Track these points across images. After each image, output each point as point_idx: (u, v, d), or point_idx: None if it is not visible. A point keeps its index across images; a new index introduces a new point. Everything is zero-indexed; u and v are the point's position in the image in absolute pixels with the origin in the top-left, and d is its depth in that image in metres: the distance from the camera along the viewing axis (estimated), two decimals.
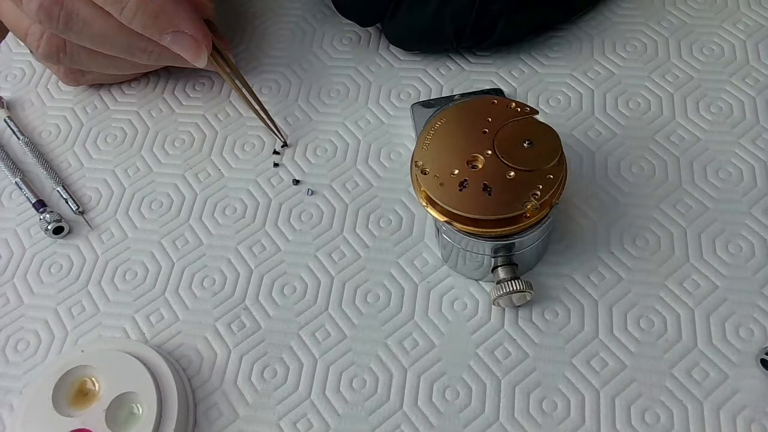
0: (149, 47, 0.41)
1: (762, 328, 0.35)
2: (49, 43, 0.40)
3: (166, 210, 0.42)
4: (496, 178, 0.33)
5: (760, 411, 0.33)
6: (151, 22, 0.38)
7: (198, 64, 0.41)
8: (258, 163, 0.43)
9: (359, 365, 0.36)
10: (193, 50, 0.40)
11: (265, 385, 0.36)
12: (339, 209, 0.41)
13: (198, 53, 0.40)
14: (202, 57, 0.40)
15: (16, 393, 0.37)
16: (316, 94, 0.46)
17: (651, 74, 0.44)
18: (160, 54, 0.41)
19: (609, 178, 0.40)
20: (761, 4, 0.46)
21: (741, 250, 0.37)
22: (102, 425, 0.33)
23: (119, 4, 0.37)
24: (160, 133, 0.45)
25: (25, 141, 0.45)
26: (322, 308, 0.38)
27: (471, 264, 0.36)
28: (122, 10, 0.37)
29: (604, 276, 0.37)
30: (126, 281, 0.40)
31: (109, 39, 0.39)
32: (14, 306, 0.39)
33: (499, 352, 0.36)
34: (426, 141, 0.35)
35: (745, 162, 0.40)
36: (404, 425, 0.34)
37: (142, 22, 0.38)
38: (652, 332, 0.35)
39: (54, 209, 0.42)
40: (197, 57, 0.40)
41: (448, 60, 0.46)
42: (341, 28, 0.49)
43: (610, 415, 0.34)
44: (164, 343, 0.37)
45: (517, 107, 0.35)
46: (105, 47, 0.40)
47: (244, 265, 0.39)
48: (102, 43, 0.40)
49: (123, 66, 0.44)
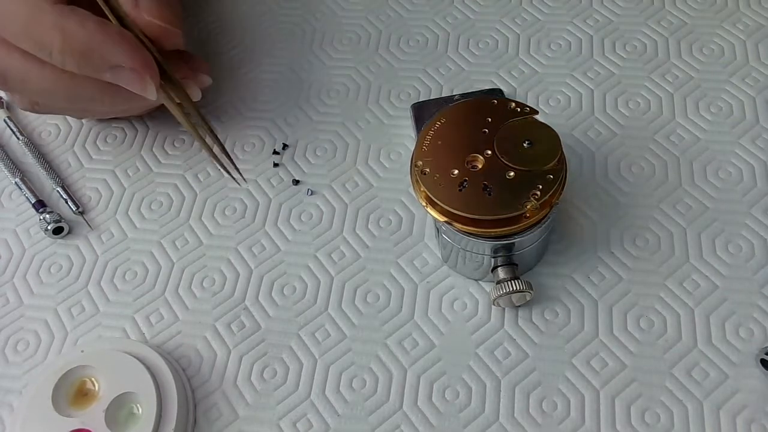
0: (96, 94, 0.39)
1: (762, 328, 0.35)
2: (21, 99, 0.40)
3: (165, 210, 0.42)
4: (496, 178, 0.33)
5: (760, 411, 0.33)
6: (84, 61, 0.36)
7: (148, 96, 0.37)
8: (258, 163, 0.43)
9: (359, 365, 0.36)
10: (137, 83, 0.37)
11: (265, 385, 0.36)
12: (339, 209, 0.41)
13: (143, 86, 0.37)
14: (149, 89, 0.37)
15: (16, 393, 0.37)
16: (316, 94, 0.46)
17: (651, 74, 0.44)
18: (112, 99, 0.39)
19: (609, 178, 0.40)
20: (761, 4, 0.46)
21: (741, 250, 0.37)
22: (102, 425, 0.33)
23: (46, 49, 0.35)
24: (160, 133, 0.45)
25: (25, 141, 0.45)
26: (322, 308, 0.38)
27: (471, 264, 0.36)
28: (51, 54, 0.36)
29: (604, 276, 0.37)
30: (126, 281, 0.40)
31: (52, 91, 0.38)
32: (14, 306, 0.39)
33: (499, 352, 0.36)
34: (426, 141, 0.35)
35: (745, 162, 0.40)
36: (404, 425, 0.34)
37: (74, 63, 0.36)
38: (652, 332, 0.35)
39: (54, 209, 0.42)
40: (143, 90, 0.37)
41: (448, 60, 0.46)
42: (341, 28, 0.49)
43: (610, 415, 0.34)
44: (164, 343, 0.37)
45: (517, 107, 0.35)
46: (53, 100, 0.39)
47: (244, 265, 0.39)
48: (48, 96, 0.39)
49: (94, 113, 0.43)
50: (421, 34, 0.48)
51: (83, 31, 0.35)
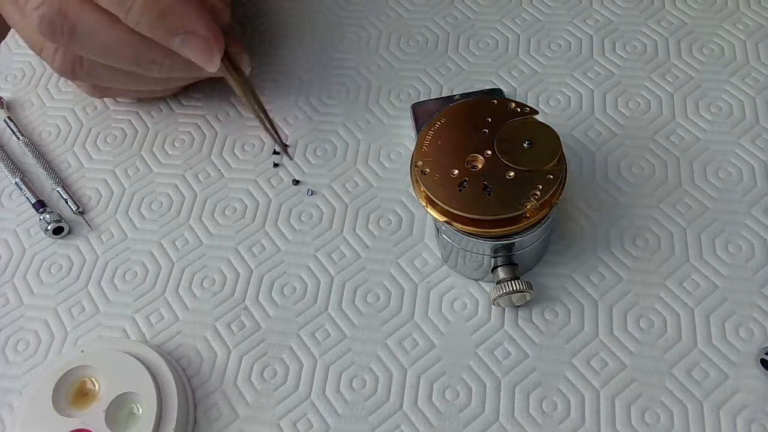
0: (158, 58, 0.39)
1: (762, 328, 0.35)
2: (63, 58, 0.39)
3: (166, 210, 0.42)
4: (496, 178, 0.33)
5: (760, 411, 0.33)
6: (159, 23, 0.36)
7: (209, 68, 0.38)
8: (258, 163, 0.43)
9: (359, 365, 0.36)
10: (205, 53, 0.37)
11: (265, 385, 0.36)
12: (339, 209, 0.41)
13: (209, 56, 0.37)
14: (215, 60, 0.38)
15: (16, 393, 0.37)
16: (316, 94, 0.46)
17: (651, 74, 0.44)
18: (171, 66, 0.39)
19: (609, 178, 0.40)
20: (761, 4, 0.46)
21: (741, 250, 0.37)
22: (102, 425, 0.33)
23: (125, 5, 0.35)
24: (160, 133, 0.45)
25: (25, 141, 0.45)
26: (322, 308, 0.38)
27: (471, 264, 0.36)
28: (129, 10, 0.36)
29: (604, 276, 0.37)
30: (126, 281, 0.40)
31: (117, 50, 0.38)
32: (14, 306, 0.39)
33: (499, 352, 0.36)
34: (426, 141, 0.35)
35: (745, 162, 0.40)
36: (404, 425, 0.34)
37: (149, 22, 0.36)
38: (652, 332, 0.35)
39: (54, 209, 0.42)
40: (209, 60, 0.38)
41: (448, 60, 0.46)
42: (341, 28, 0.49)
43: (610, 415, 0.34)
44: (164, 343, 0.37)
45: (517, 107, 0.35)
46: (113, 59, 0.39)
47: (244, 265, 0.39)
48: (110, 55, 0.38)
49: (141, 82, 0.42)
50: (421, 34, 0.48)
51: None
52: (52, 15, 0.36)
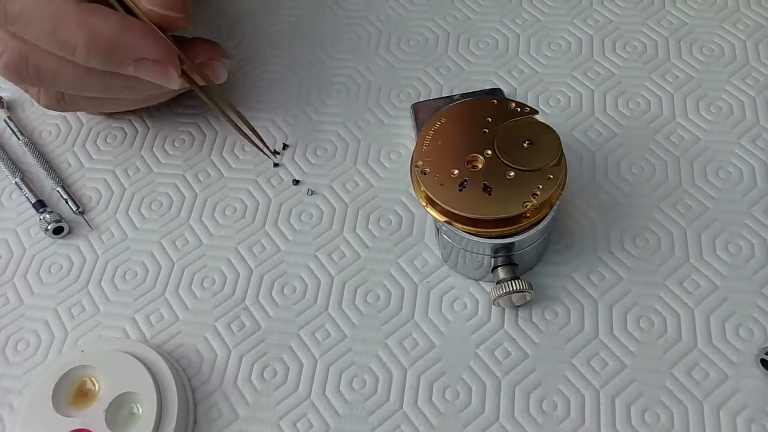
0: (128, 83, 0.38)
1: (762, 328, 0.35)
2: (47, 95, 0.40)
3: (166, 210, 0.42)
4: (496, 178, 0.33)
5: (760, 411, 0.33)
6: (108, 58, 0.36)
7: (170, 86, 0.38)
8: (258, 163, 0.43)
9: (359, 365, 0.36)
10: (160, 74, 0.37)
11: (265, 385, 0.36)
12: (339, 209, 0.41)
13: (166, 77, 0.37)
14: (172, 78, 0.38)
15: (16, 393, 0.37)
16: (316, 94, 0.46)
17: (651, 74, 0.44)
18: (143, 87, 0.39)
19: (609, 178, 0.40)
20: (761, 4, 0.46)
21: (741, 250, 0.37)
22: (102, 425, 0.33)
23: (69, 48, 0.35)
24: (160, 133, 0.45)
25: (25, 141, 0.45)
26: (322, 308, 0.38)
27: (471, 264, 0.36)
28: (74, 53, 0.35)
29: (604, 276, 0.37)
30: (126, 281, 0.40)
31: (86, 84, 0.38)
32: (14, 306, 0.39)
33: (499, 352, 0.36)
34: (426, 141, 0.35)
35: (745, 162, 0.40)
36: (404, 425, 0.34)
37: (98, 59, 0.36)
38: (652, 332, 0.35)
39: (54, 209, 0.42)
40: (167, 80, 0.38)
41: (448, 60, 0.46)
42: (341, 28, 0.49)
43: (610, 415, 0.34)
44: (164, 343, 0.37)
45: (517, 107, 0.35)
46: (87, 91, 0.39)
47: (244, 265, 0.39)
48: (82, 89, 0.39)
49: (128, 103, 0.42)
50: (421, 34, 0.48)
51: (108, 28, 0.35)
52: (15, 62, 0.36)
